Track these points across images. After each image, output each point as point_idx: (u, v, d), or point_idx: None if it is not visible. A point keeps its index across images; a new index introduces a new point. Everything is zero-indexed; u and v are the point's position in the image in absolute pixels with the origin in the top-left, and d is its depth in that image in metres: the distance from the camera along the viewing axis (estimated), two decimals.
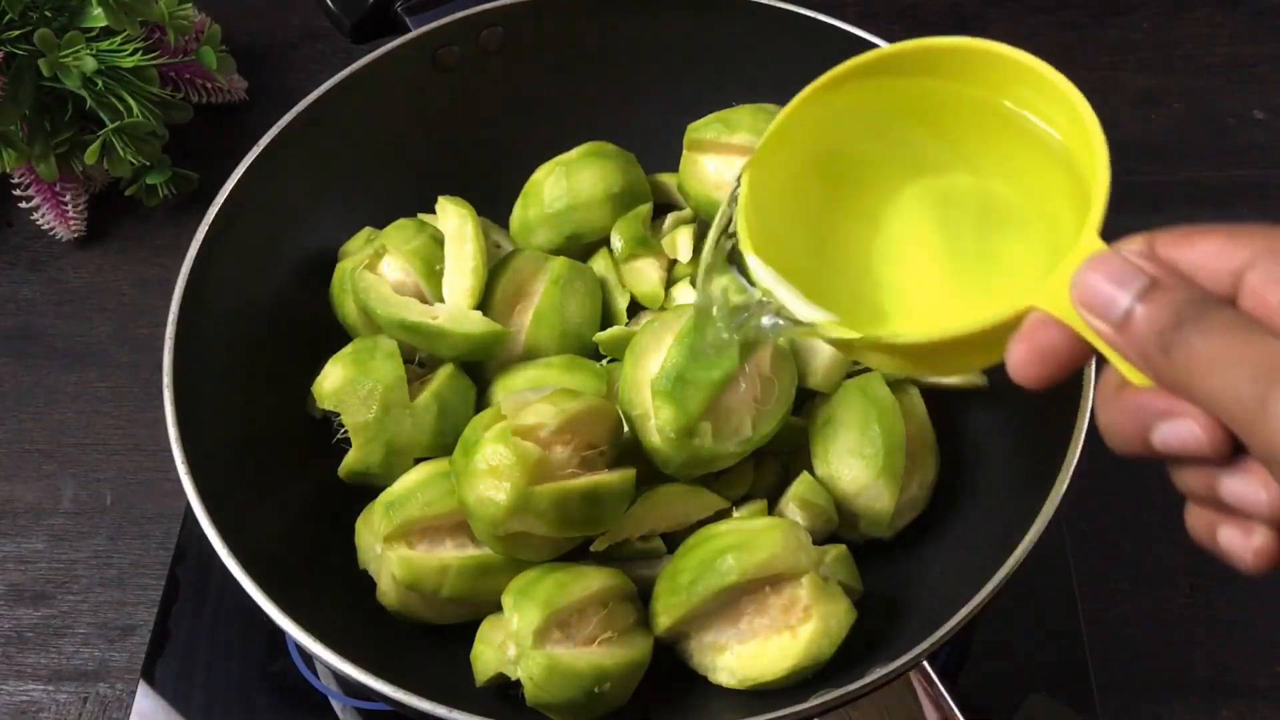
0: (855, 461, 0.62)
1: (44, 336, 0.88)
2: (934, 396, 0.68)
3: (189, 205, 0.93)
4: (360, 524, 0.64)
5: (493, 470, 0.56)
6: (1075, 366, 0.37)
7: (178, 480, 0.57)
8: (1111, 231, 0.37)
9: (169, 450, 0.58)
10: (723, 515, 0.64)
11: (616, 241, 0.73)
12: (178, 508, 0.79)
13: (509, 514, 0.56)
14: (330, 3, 0.79)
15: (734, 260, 0.48)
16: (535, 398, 0.59)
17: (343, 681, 0.69)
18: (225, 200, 0.66)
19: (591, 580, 0.58)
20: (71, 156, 0.88)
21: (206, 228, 0.65)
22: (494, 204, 0.76)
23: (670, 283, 0.73)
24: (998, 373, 0.69)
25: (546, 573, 0.58)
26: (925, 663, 0.54)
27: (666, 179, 0.78)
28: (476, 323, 0.66)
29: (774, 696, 0.58)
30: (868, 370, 0.66)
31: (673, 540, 0.63)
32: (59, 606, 0.76)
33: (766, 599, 0.58)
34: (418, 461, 0.64)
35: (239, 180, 0.67)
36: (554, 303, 0.68)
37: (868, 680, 0.51)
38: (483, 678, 0.59)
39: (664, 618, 0.59)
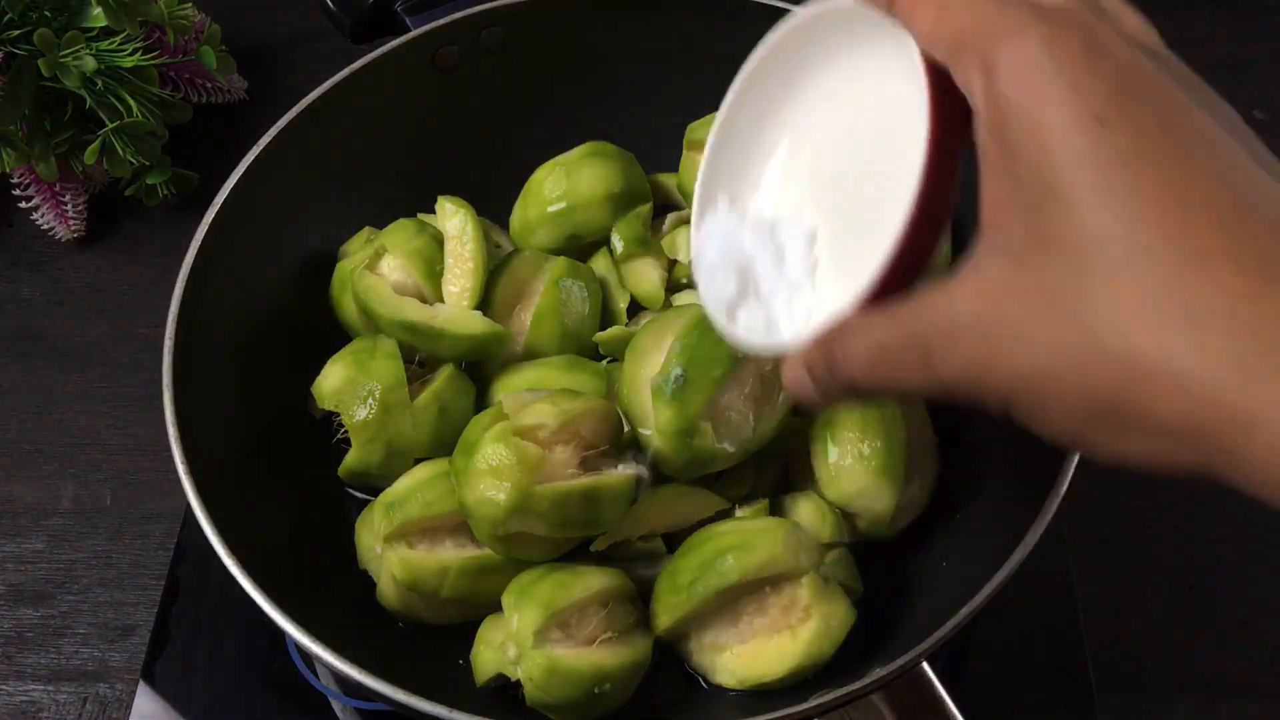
0: (855, 462, 0.62)
1: (44, 336, 0.88)
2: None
3: (189, 205, 0.93)
4: (360, 524, 0.64)
5: (493, 471, 0.56)
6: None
7: (178, 480, 0.57)
8: None
9: (169, 450, 0.58)
10: (723, 515, 0.64)
11: (616, 241, 0.73)
12: (178, 508, 0.79)
13: (509, 514, 0.56)
14: (330, 3, 0.79)
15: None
16: (535, 398, 0.59)
17: (343, 681, 0.69)
18: (225, 200, 0.66)
19: (591, 580, 0.58)
20: (71, 156, 0.88)
21: (206, 228, 0.65)
22: (494, 204, 0.76)
23: (671, 285, 0.73)
24: None
25: (546, 573, 0.58)
26: (925, 663, 0.54)
27: (666, 179, 0.78)
28: (476, 323, 0.66)
29: (774, 697, 0.58)
30: None
31: (673, 540, 0.63)
32: (59, 606, 0.76)
33: (766, 599, 0.58)
34: (418, 462, 0.64)
35: (239, 180, 0.67)
36: (554, 303, 0.68)
37: (868, 680, 0.51)
38: (483, 678, 0.59)
39: (664, 618, 0.59)
